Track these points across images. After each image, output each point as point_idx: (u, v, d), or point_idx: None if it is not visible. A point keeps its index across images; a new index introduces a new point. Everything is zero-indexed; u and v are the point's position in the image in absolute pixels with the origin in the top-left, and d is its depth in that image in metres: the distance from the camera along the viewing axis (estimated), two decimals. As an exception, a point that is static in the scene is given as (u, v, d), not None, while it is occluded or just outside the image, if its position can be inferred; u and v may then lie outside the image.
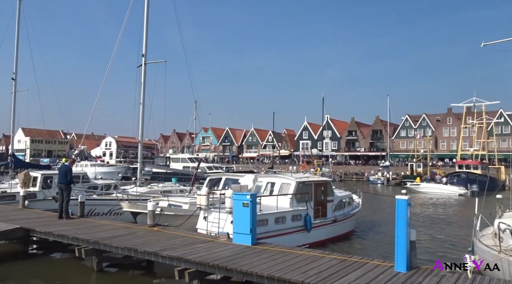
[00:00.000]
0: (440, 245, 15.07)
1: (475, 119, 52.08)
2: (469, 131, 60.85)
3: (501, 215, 12.23)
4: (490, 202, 14.87)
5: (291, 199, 13.18)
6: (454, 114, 76.30)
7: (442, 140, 78.62)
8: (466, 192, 38.68)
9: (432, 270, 7.68)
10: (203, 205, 12.36)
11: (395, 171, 61.45)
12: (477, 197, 12.83)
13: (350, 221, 16.55)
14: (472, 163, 47.42)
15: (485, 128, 53.82)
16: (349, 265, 8.01)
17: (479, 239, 10.01)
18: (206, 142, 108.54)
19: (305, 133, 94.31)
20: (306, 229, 13.17)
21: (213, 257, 8.45)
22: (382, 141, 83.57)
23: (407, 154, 74.48)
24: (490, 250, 8.81)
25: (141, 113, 21.63)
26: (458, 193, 38.62)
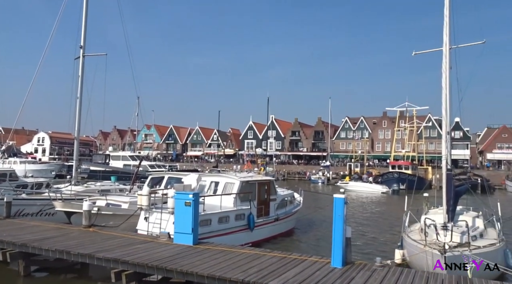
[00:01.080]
0: (372, 240, 15.95)
1: (407, 122, 55.92)
2: (401, 133, 65.14)
3: (427, 212, 13.27)
4: (418, 199, 16.08)
5: (234, 198, 13.22)
6: (389, 117, 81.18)
7: (377, 141, 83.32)
8: (388, 190, 41.61)
9: (365, 265, 8.14)
10: (144, 205, 12.00)
11: (335, 170, 64.09)
12: (397, 195, 13.76)
13: (291, 219, 16.98)
14: (403, 163, 50.91)
15: (416, 131, 58.00)
16: (288, 262, 8.22)
17: (408, 234, 10.78)
18: (148, 139, 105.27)
19: (250, 133, 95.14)
20: (249, 228, 13.30)
21: (153, 258, 8.24)
22: (324, 142, 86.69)
23: (346, 155, 78.14)
24: (417, 244, 9.52)
25: (78, 108, 20.46)
26: (381, 191, 41.48)
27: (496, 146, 77.40)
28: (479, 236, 10.43)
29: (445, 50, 10.54)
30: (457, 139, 73.67)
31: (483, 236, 10.62)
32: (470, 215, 12.18)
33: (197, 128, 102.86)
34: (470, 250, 8.75)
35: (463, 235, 9.52)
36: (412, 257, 9.74)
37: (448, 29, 10.52)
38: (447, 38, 10.53)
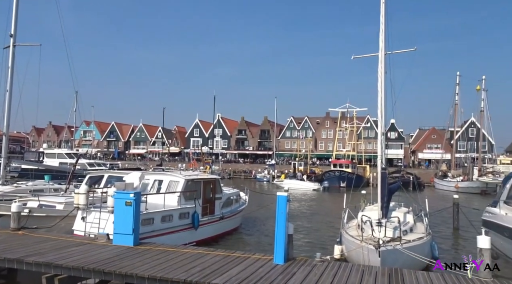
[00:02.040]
0: (314, 236, 16.50)
1: (348, 123, 58.56)
2: (343, 133, 68.03)
3: (363, 209, 14.00)
4: (357, 197, 16.95)
5: (179, 197, 13.02)
6: (331, 118, 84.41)
7: (321, 141, 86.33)
8: (319, 187, 43.52)
9: (306, 260, 8.41)
10: (81, 204, 11.40)
11: (280, 169, 65.38)
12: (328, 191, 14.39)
13: (237, 218, 17.07)
14: (344, 162, 53.25)
15: (356, 131, 60.93)
16: (231, 261, 8.26)
17: (346, 230, 11.30)
18: (88, 136, 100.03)
19: (196, 131, 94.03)
20: (194, 227, 13.16)
21: (90, 261, 7.86)
22: (269, 141, 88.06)
23: (291, 153, 79.97)
24: (354, 240, 10.01)
25: (8, 102, 18.90)
26: (312, 188, 43.24)
27: (426, 146, 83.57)
28: (409, 231, 11.20)
29: (380, 55, 11.20)
30: (392, 139, 78.48)
31: (413, 231, 11.42)
32: (402, 211, 13.05)
33: (140, 125, 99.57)
34: (401, 244, 9.38)
35: (395, 230, 10.17)
36: (350, 252, 10.23)
37: (384, 36, 11.19)
38: (383, 44, 11.20)
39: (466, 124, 73.68)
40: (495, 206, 13.44)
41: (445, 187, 48.23)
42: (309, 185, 44.48)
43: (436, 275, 7.47)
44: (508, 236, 11.39)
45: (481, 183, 44.75)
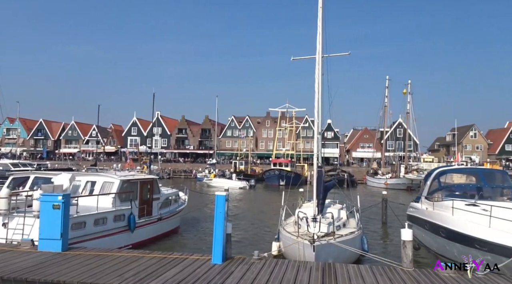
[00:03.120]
0: (251, 234, 16.69)
1: (287, 123, 60.04)
2: (282, 133, 69.63)
3: (301, 206, 14.47)
4: (295, 194, 17.44)
5: (114, 198, 12.48)
6: (271, 117, 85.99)
7: (261, 140, 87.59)
8: (245, 185, 44.21)
9: (244, 259, 8.49)
10: (3, 209, 10.47)
11: (221, 168, 65.23)
12: (254, 189, 14.74)
13: (175, 218, 16.74)
14: (283, 161, 54.54)
15: (295, 131, 62.66)
16: (168, 262, 8.09)
17: (284, 227, 11.60)
18: (12, 134, 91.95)
19: (134, 129, 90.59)
20: (130, 229, 12.70)
21: (11, 269, 7.24)
22: (211, 140, 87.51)
23: (232, 153, 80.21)
24: (290, 236, 10.31)
25: None
26: (239, 187, 43.78)
27: (359, 146, 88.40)
28: (342, 226, 11.79)
29: (317, 58, 11.66)
30: (329, 139, 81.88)
31: (345, 226, 12.04)
32: (336, 208, 13.69)
33: (72, 123, 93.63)
34: (334, 238, 9.84)
35: (329, 226, 10.63)
36: (287, 248, 10.51)
37: (321, 39, 11.67)
38: (320, 47, 11.67)
39: (395, 125, 79.09)
40: (417, 201, 14.58)
41: (376, 184, 51.36)
42: (236, 183, 44.87)
43: (365, 267, 7.94)
44: (428, 229, 12.43)
45: (407, 180, 48.31)
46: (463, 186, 14.09)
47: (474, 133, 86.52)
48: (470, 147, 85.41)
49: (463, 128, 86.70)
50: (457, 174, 17.20)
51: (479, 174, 14.21)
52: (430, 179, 14.40)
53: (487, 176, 13.74)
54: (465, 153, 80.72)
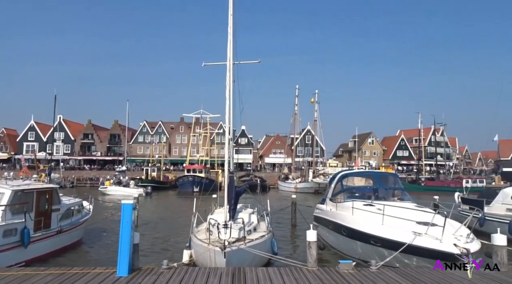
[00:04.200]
0: (162, 243, 16.14)
1: (202, 129, 59.72)
2: (197, 139, 69.02)
3: (213, 212, 14.44)
4: (209, 200, 17.35)
5: (3, 211, 11.10)
6: (185, 123, 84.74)
7: (175, 146, 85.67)
8: (142, 193, 42.85)
9: (152, 269, 8.17)
10: None
11: (131, 175, 62.16)
12: (150, 197, 14.59)
13: (78, 230, 15.49)
14: (197, 167, 54.03)
15: (209, 137, 62.56)
16: (67, 279, 7.42)
17: (195, 234, 11.44)
18: None
19: (32, 134, 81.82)
20: (23, 245, 11.40)
21: None
22: (120, 146, 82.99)
23: (144, 159, 77.03)
24: (202, 243, 10.20)
25: None
26: (134, 195, 42.05)
27: (272, 152, 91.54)
28: (253, 230, 12.03)
29: (228, 64, 11.82)
30: (243, 145, 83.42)
31: (256, 230, 12.31)
32: (247, 212, 13.94)
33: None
34: (245, 243, 9.99)
35: (240, 231, 10.78)
36: (198, 256, 10.38)
37: (232, 46, 11.87)
38: (231, 54, 11.86)
39: (304, 132, 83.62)
40: (323, 203, 15.56)
41: (287, 188, 53.60)
42: (132, 191, 43.02)
43: (273, 270, 8.21)
44: (332, 229, 13.32)
45: (314, 184, 51.28)
46: (362, 188, 15.40)
47: (372, 140, 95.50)
48: (369, 152, 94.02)
49: (363, 135, 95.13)
50: (357, 177, 18.78)
51: (375, 177, 15.67)
52: (334, 182, 15.48)
53: (381, 179, 15.21)
54: (364, 158, 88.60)
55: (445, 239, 9.03)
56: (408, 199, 13.66)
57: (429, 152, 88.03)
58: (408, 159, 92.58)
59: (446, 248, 8.82)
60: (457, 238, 9.29)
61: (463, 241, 9.12)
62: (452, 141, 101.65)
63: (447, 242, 8.96)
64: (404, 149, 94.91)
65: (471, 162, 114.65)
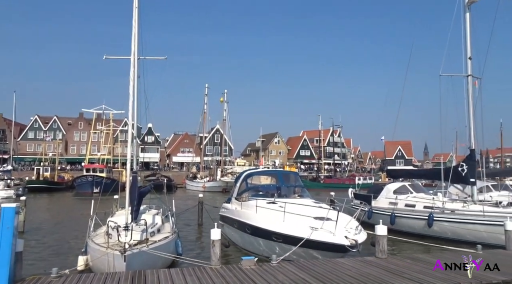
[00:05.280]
0: (53, 250, 14.75)
1: (104, 125, 56.00)
2: (98, 136, 64.55)
3: (113, 214, 13.65)
4: (110, 202, 16.30)
5: None
6: (85, 119, 78.66)
7: (72, 144, 78.96)
8: (11, 195, 39.07)
9: (39, 279, 7.40)
10: None
11: (19, 176, 55.55)
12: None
13: None
14: (98, 167, 50.54)
15: (112, 134, 58.95)
16: None
17: (92, 239, 10.66)
18: None
19: None
20: None
21: None
22: (6, 143, 73.64)
23: (35, 157, 69.40)
24: (99, 248, 9.56)
25: None
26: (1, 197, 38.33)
27: (180, 150, 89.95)
28: (157, 231, 11.66)
29: (132, 59, 11.26)
30: (150, 143, 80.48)
31: (160, 231, 11.95)
32: (151, 213, 13.47)
33: None
34: (147, 245, 9.64)
35: (143, 233, 10.35)
36: (95, 261, 9.69)
37: (137, 40, 11.32)
38: (135, 48, 11.29)
39: (213, 130, 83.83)
40: (228, 202, 15.75)
41: (195, 188, 53.14)
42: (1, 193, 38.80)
43: (175, 270, 8.06)
44: (236, 227, 13.57)
45: (222, 183, 51.73)
46: (266, 187, 15.96)
47: (278, 140, 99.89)
48: (275, 152, 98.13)
49: (269, 135, 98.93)
50: (263, 176, 19.43)
51: (278, 175, 16.37)
52: (239, 181, 15.78)
53: (284, 177, 15.95)
54: (270, 157, 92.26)
55: (337, 232, 9.84)
56: (307, 196, 14.55)
57: (328, 152, 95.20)
58: (309, 158, 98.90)
59: (338, 241, 9.62)
60: (348, 230, 10.19)
61: (352, 233, 10.04)
62: (348, 142, 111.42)
63: (339, 235, 9.77)
64: (306, 149, 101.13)
65: (363, 161, 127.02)
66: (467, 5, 18.88)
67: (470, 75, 18.66)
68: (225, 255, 12.89)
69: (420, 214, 17.29)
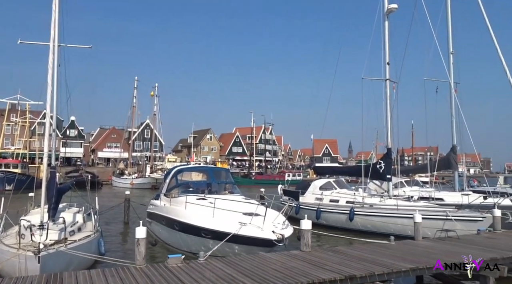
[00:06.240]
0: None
1: (19, 117, 51.12)
2: (12, 128, 58.75)
3: (27, 213, 12.57)
4: (25, 200, 14.93)
5: None
6: (-2, 109, 71.06)
7: (-19, 136, 70.93)
8: None
9: None
10: None
11: None
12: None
13: None
14: (12, 161, 46.27)
15: (29, 127, 54.11)
16: None
17: (1, 240, 9.72)
18: None
19: None
20: None
21: None
22: None
23: None
24: (9, 249, 8.75)
25: None
26: None
27: (106, 145, 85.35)
28: (78, 230, 10.97)
29: (52, 46, 10.37)
30: (72, 137, 75.19)
31: (81, 230, 11.26)
32: (72, 211, 12.64)
33: None
34: (65, 245, 9.02)
35: (61, 232, 9.68)
36: (4, 263, 8.83)
37: (57, 26, 10.47)
38: (55, 34, 10.43)
39: (143, 125, 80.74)
40: (157, 199, 15.33)
41: (122, 185, 50.85)
42: None
43: (96, 272, 7.64)
44: (165, 224, 13.25)
45: (152, 179, 50.16)
46: (196, 183, 15.80)
47: (210, 136, 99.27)
48: (207, 148, 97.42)
49: (202, 131, 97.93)
50: (195, 172, 19.20)
51: (209, 172, 16.32)
52: (169, 177, 15.43)
53: (215, 174, 15.95)
54: (202, 154, 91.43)
55: (265, 227, 10.08)
56: (237, 192, 14.69)
57: (260, 149, 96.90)
58: (242, 155, 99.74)
59: (265, 235, 9.86)
60: (275, 225, 10.48)
61: (279, 228, 10.36)
62: (279, 139, 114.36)
63: (267, 230, 10.02)
64: (239, 145, 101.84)
65: (292, 158, 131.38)
66: (386, 14, 20.42)
67: (388, 79, 20.21)
68: (152, 254, 12.54)
69: (343, 209, 18.37)
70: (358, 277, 7.52)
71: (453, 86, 22.63)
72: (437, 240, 11.75)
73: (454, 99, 22.50)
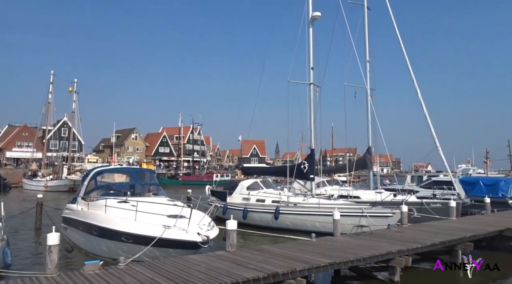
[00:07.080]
0: None
1: None
2: None
3: None
4: None
5: None
6: None
7: None
8: None
9: None
10: None
11: None
12: None
13: None
14: None
15: None
16: None
17: None
18: None
19: None
20: None
21: None
22: None
23: None
24: None
25: None
26: None
27: (16, 144, 77.63)
28: (-22, 240, 9.83)
29: None
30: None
31: (-18, 239, 10.10)
32: (-29, 218, 11.27)
33: None
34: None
35: None
36: None
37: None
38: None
39: (59, 123, 74.82)
40: (74, 202, 14.30)
41: (34, 187, 46.67)
42: None
43: None
44: (82, 229, 12.42)
45: (69, 181, 46.72)
46: (118, 185, 15.02)
47: (136, 136, 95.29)
48: (132, 148, 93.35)
49: (126, 130, 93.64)
50: (116, 173, 18.23)
51: (132, 173, 15.63)
52: (87, 179, 14.50)
53: (138, 175, 15.32)
54: (127, 154, 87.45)
55: (190, 229, 9.93)
56: (162, 194, 14.28)
57: (188, 149, 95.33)
58: (169, 156, 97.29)
59: (190, 238, 9.72)
60: (201, 227, 10.38)
61: (205, 229, 10.28)
62: (207, 140, 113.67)
63: (192, 232, 9.88)
64: (166, 145, 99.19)
65: (221, 158, 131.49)
66: (310, 21, 21.45)
67: (312, 83, 21.21)
68: (68, 261, 11.69)
69: (269, 208, 18.83)
70: (281, 274, 7.76)
71: (369, 92, 24.46)
72: (353, 236, 12.60)
73: (370, 104, 24.34)
